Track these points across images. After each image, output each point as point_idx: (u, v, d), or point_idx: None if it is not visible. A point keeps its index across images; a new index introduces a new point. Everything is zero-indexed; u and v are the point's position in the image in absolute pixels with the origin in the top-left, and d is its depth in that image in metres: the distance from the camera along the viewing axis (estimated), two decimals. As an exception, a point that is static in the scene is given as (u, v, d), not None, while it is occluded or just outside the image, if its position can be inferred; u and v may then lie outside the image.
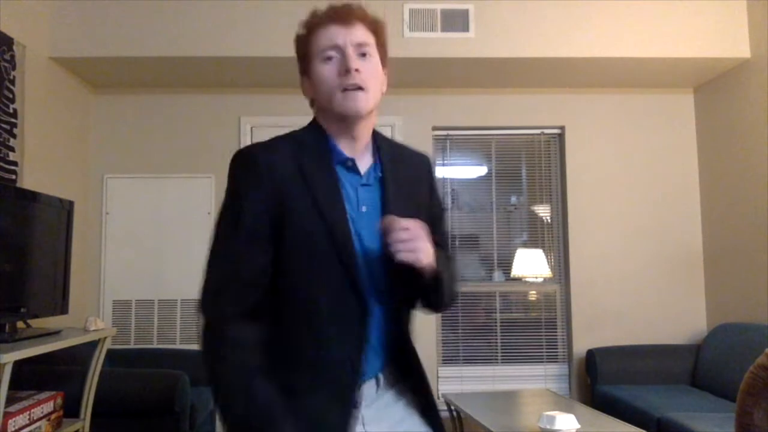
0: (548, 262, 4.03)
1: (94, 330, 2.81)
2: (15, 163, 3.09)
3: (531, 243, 4.25)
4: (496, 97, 4.22)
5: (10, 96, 3.06)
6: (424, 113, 4.16)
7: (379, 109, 1.19)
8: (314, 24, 1.13)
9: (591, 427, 2.56)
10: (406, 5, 3.57)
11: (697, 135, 4.24)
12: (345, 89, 1.09)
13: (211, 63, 3.64)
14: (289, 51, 1.22)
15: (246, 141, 4.10)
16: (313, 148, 1.13)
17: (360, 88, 1.09)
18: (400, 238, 1.05)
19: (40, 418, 2.52)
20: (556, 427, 2.40)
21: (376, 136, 1.21)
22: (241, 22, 3.51)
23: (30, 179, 3.22)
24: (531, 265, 3.91)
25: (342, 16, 1.11)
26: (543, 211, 4.30)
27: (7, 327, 2.52)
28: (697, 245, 4.18)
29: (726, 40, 3.64)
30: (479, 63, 3.70)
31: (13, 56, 3.08)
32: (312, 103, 1.19)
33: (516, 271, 3.95)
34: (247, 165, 1.08)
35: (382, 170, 1.18)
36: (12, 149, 3.07)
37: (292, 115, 4.13)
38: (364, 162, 1.17)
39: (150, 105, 4.11)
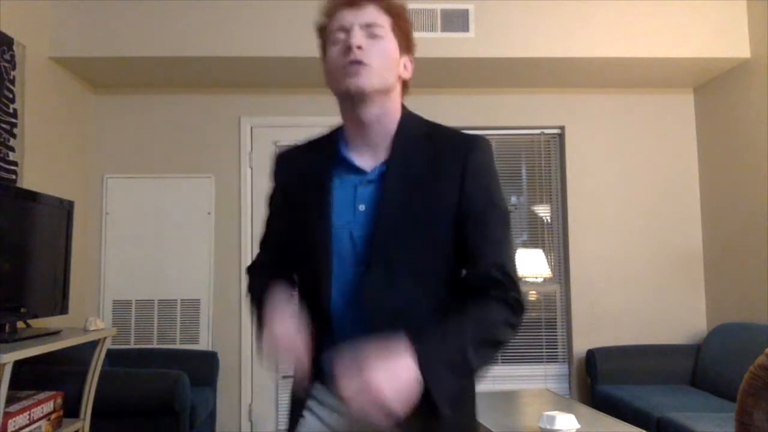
0: (548, 262, 4.02)
1: (94, 330, 2.81)
2: (15, 163, 3.09)
3: (531, 243, 4.25)
4: (496, 97, 4.22)
5: (10, 96, 3.06)
6: (424, 113, 4.09)
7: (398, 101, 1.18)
8: (327, 11, 1.12)
9: (591, 427, 2.56)
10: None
11: (697, 135, 4.24)
12: (345, 66, 1.05)
13: (211, 63, 3.64)
14: (290, 51, 1.23)
15: (246, 141, 4.10)
16: (320, 152, 1.17)
17: (360, 63, 1.04)
18: (352, 398, 0.89)
19: (40, 418, 2.52)
20: (556, 427, 2.39)
21: (404, 125, 1.16)
22: (242, 22, 3.51)
23: (30, 179, 3.22)
24: (531, 265, 3.90)
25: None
26: (543, 211, 4.30)
27: (7, 327, 2.52)
28: (697, 245, 4.18)
29: (726, 40, 3.63)
30: (479, 63, 3.70)
31: (13, 56, 3.09)
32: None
33: (516, 271, 3.95)
34: (274, 163, 1.26)
35: (388, 164, 1.10)
36: (12, 149, 3.07)
37: (292, 115, 4.14)
38: (377, 156, 1.12)
39: (150, 105, 4.11)
